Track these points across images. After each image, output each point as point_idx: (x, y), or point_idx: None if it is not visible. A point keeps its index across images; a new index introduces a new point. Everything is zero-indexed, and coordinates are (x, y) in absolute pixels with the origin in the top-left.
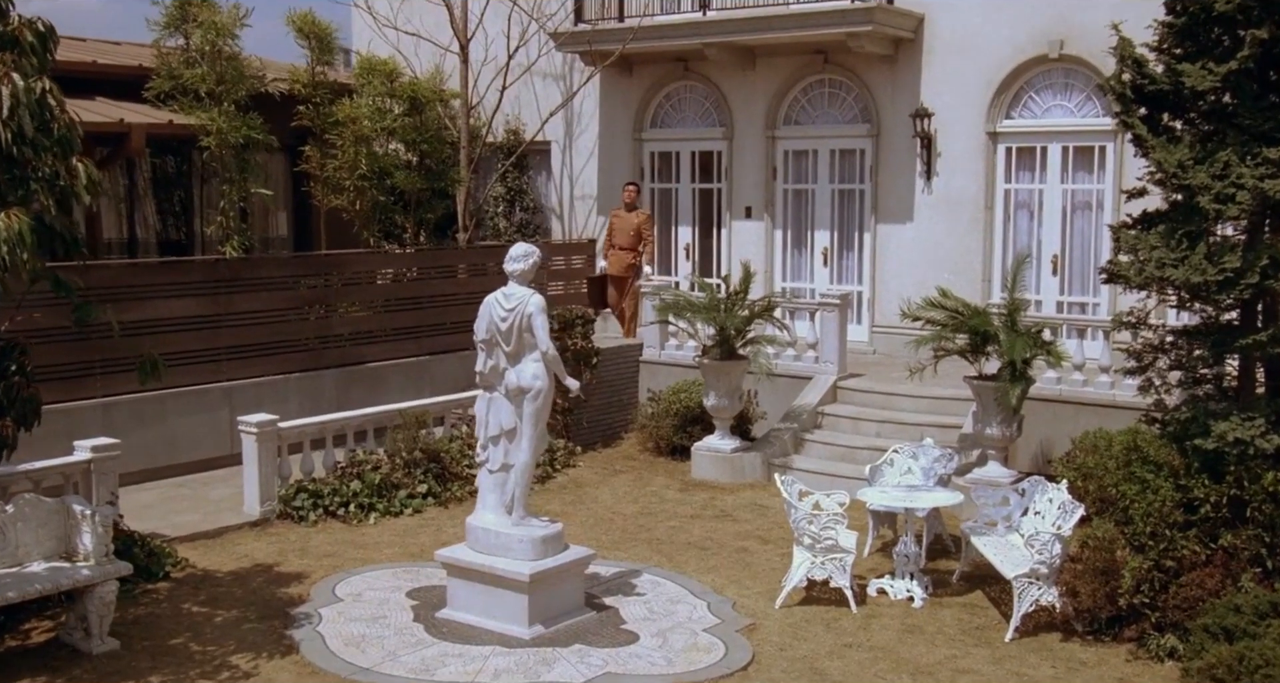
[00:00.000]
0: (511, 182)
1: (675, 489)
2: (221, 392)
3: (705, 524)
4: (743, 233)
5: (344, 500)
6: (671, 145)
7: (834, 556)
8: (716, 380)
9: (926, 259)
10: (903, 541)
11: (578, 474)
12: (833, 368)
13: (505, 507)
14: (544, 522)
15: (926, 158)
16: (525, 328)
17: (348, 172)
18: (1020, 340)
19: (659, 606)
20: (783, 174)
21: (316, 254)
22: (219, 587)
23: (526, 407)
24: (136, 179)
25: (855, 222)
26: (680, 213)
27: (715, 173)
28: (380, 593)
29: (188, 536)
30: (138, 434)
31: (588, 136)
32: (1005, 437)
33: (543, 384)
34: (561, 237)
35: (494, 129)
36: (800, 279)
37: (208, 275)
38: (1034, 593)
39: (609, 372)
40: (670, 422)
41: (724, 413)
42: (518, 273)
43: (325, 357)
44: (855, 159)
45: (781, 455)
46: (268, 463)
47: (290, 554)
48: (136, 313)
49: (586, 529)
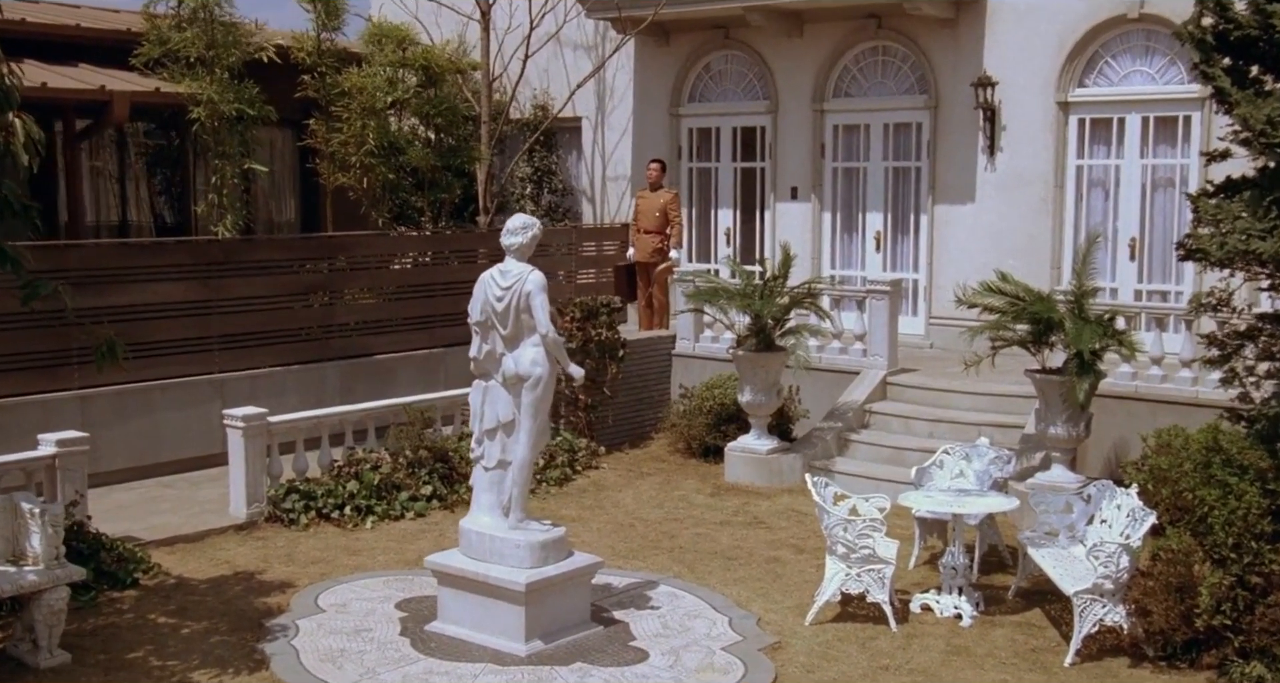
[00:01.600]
0: (539, 161)
1: (705, 494)
2: (212, 384)
3: (735, 532)
4: (788, 216)
5: (339, 502)
6: (711, 121)
7: (871, 567)
8: (752, 374)
9: (989, 243)
10: (950, 551)
11: (600, 477)
12: (882, 362)
13: (502, 508)
14: (545, 525)
15: (990, 132)
16: (523, 308)
17: (354, 147)
18: (1089, 329)
19: (674, 620)
20: (831, 151)
21: (320, 236)
22: (192, 595)
23: (525, 396)
24: (128, 157)
25: (911, 203)
26: (720, 194)
27: (758, 150)
28: (367, 604)
29: (165, 539)
30: (119, 429)
31: (621, 112)
32: (1071, 437)
33: (543, 371)
34: (593, 220)
35: (520, 104)
36: (850, 266)
37: (198, 258)
38: (1097, 612)
39: (638, 366)
40: (703, 420)
41: (760, 410)
42: (515, 247)
43: (328, 348)
44: (911, 134)
45: (823, 457)
46: (255, 461)
47: (275, 560)
48: (119, 298)
49: (603, 536)
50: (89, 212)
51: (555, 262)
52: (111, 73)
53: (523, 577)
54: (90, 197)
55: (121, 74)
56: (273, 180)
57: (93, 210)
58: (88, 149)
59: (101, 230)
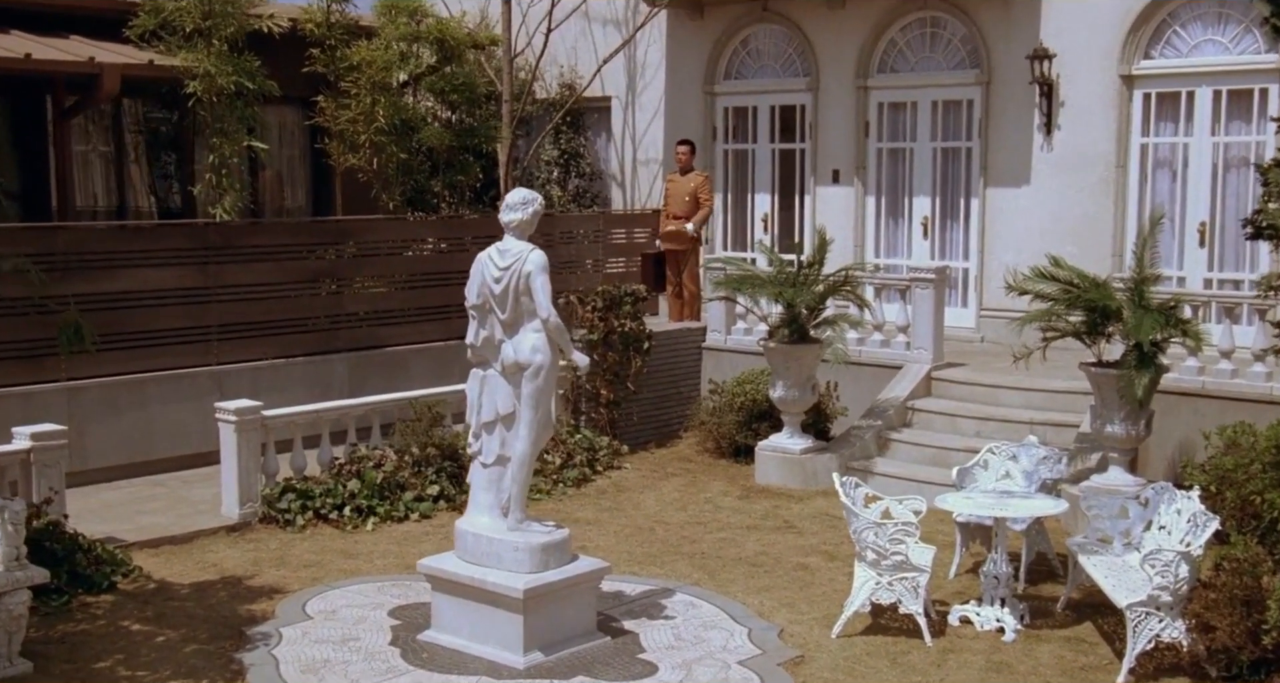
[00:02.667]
0: (565, 143)
1: (733, 496)
2: (211, 377)
3: (762, 537)
4: (829, 200)
5: (338, 502)
6: (748, 99)
7: (904, 575)
8: (784, 368)
9: (1045, 229)
10: (991, 559)
11: (621, 477)
12: (926, 355)
13: (501, 508)
14: (547, 527)
15: (1046, 108)
16: (523, 290)
17: (363, 125)
18: (1149, 318)
19: (689, 631)
20: (876, 131)
21: (327, 220)
22: (172, 601)
23: (525, 386)
24: (125, 136)
25: (961, 186)
26: (758, 177)
27: (798, 131)
28: (359, 610)
29: (150, 540)
30: (110, 424)
31: (653, 91)
32: (1130, 437)
33: (544, 359)
34: (623, 206)
35: (547, 83)
36: (896, 254)
37: (195, 242)
38: (1153, 626)
39: (665, 360)
40: (733, 418)
41: (793, 407)
42: (515, 224)
43: (336, 339)
44: (961, 112)
45: (861, 457)
46: (249, 458)
47: (266, 564)
48: (110, 284)
49: (620, 540)
50: (80, 194)
51: (582, 249)
52: (103, 45)
53: (521, 582)
54: (82, 178)
55: (114, 46)
56: (282, 162)
57: (85, 193)
58: (81, 127)
59: (96, 215)
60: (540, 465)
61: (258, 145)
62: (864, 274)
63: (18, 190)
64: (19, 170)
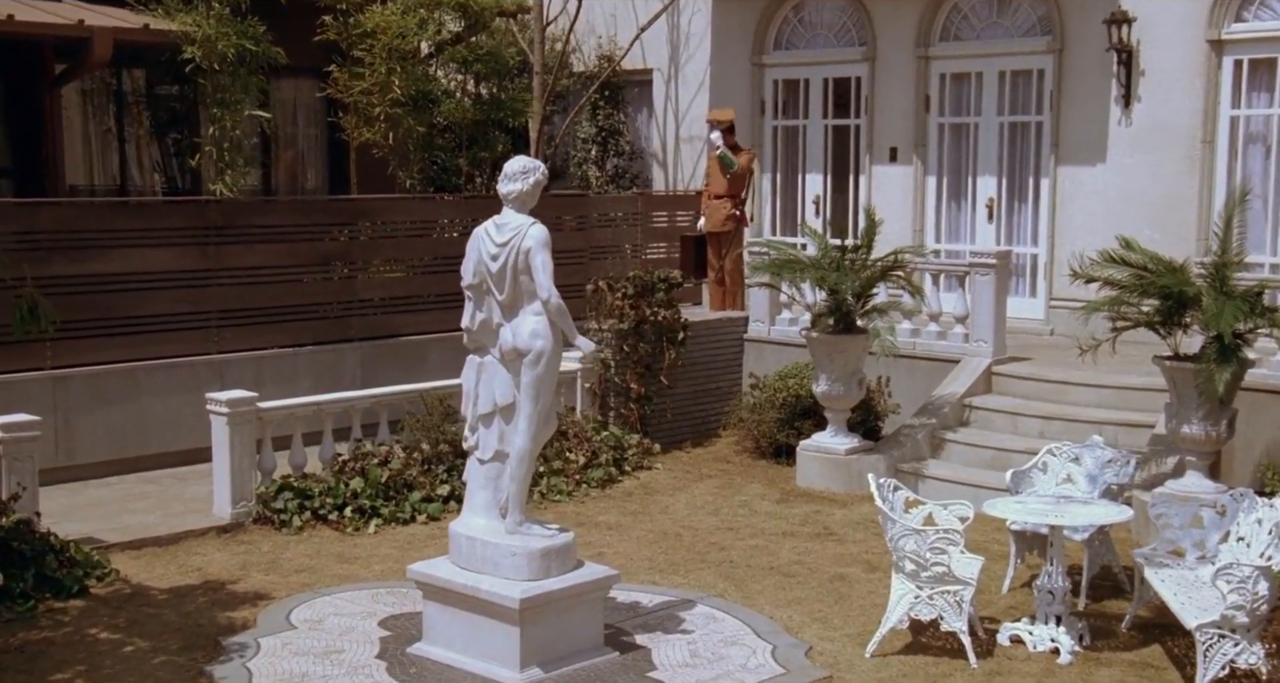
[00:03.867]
0: (603, 119)
1: (771, 500)
2: (210, 366)
3: (798, 544)
4: (886, 181)
5: (339, 502)
6: (799, 71)
7: (946, 588)
8: (828, 360)
9: (1122, 211)
10: (1046, 571)
11: (651, 479)
12: (986, 348)
13: (499, 508)
14: (550, 530)
15: (1125, 78)
16: (522, 269)
17: (378, 97)
18: (1231, 306)
19: (707, 648)
20: (937, 104)
21: (339, 199)
22: (147, 607)
23: (525, 374)
24: (127, 110)
25: (1029, 164)
26: (809, 156)
27: (853, 105)
28: (347, 620)
29: (132, 541)
30: (99, 416)
31: (697, 62)
32: (1209, 438)
33: (545, 344)
34: (664, 187)
35: (584, 55)
36: (958, 239)
37: (194, 221)
38: (1227, 651)
39: (703, 352)
40: (774, 415)
41: (838, 403)
42: (514, 195)
43: (348, 327)
44: (1031, 83)
45: (912, 459)
46: (243, 453)
47: (254, 568)
48: (100, 265)
49: (642, 546)
50: (80, 172)
51: (619, 234)
52: (96, 8)
53: (517, 591)
54: (84, 155)
55: (107, 9)
56: (295, 138)
57: (85, 170)
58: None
59: (95, 193)
60: (562, 465)
61: (260, 114)
62: (918, 259)
63: (9, 166)
64: (9, 145)
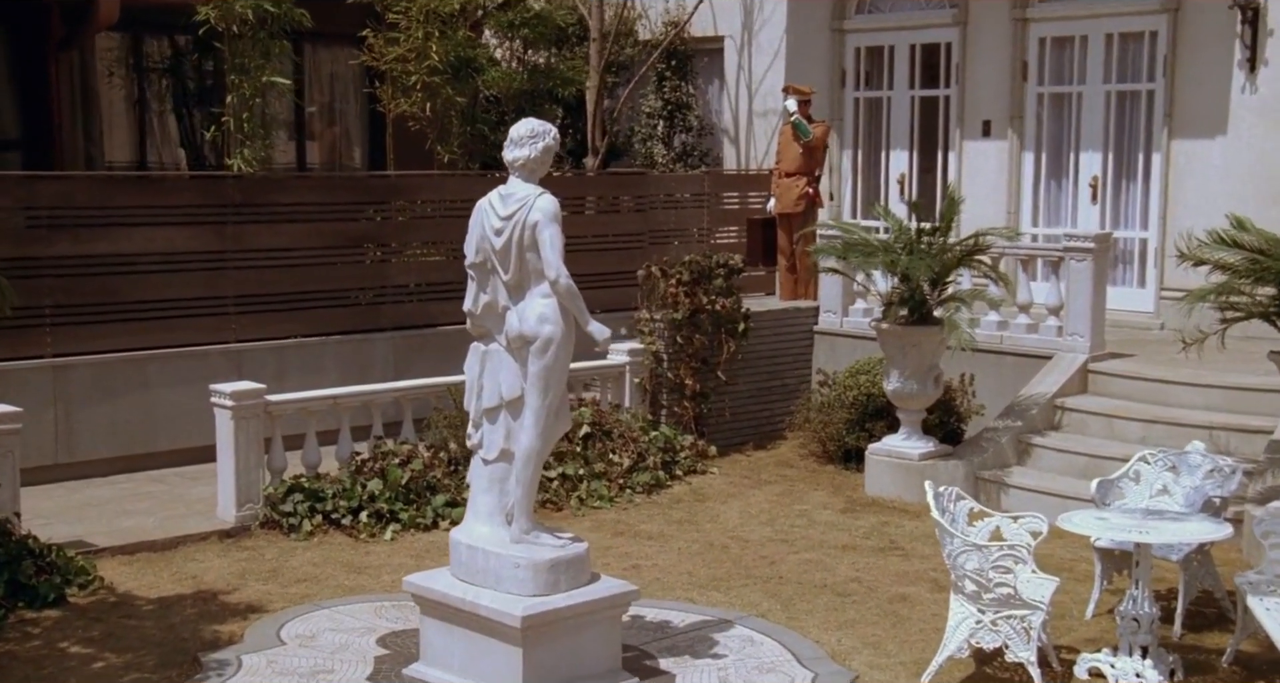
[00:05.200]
0: (670, 92)
1: (835, 509)
2: (226, 356)
3: (859, 559)
4: (978, 157)
5: (354, 505)
6: (883, 37)
7: (1011, 612)
8: (900, 354)
9: (1246, 189)
10: (1130, 595)
11: (705, 484)
12: (1082, 343)
13: (505, 514)
14: (560, 539)
15: (1250, 38)
16: (529, 245)
17: (414, 64)
18: None
19: (739, 675)
20: (1036, 72)
21: (370, 175)
22: (129, 618)
23: (532, 364)
24: (147, 79)
25: (1139, 137)
26: (894, 131)
27: (942, 74)
28: (343, 636)
29: (126, 546)
30: (105, 409)
31: (772, 28)
32: None
33: (554, 330)
34: (736, 166)
35: (650, 21)
36: (1059, 222)
37: (210, 198)
38: None
39: (770, 345)
40: (843, 415)
41: (911, 402)
42: (521, 163)
43: (380, 315)
44: (1142, 46)
45: (995, 465)
46: (249, 451)
47: (254, 576)
48: (107, 245)
49: (683, 559)
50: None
51: (684, 216)
52: None
53: (519, 607)
54: (106, 129)
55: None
56: (333, 110)
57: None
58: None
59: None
60: (605, 468)
61: (280, 81)
62: (1004, 242)
63: (18, 138)
64: (19, 116)
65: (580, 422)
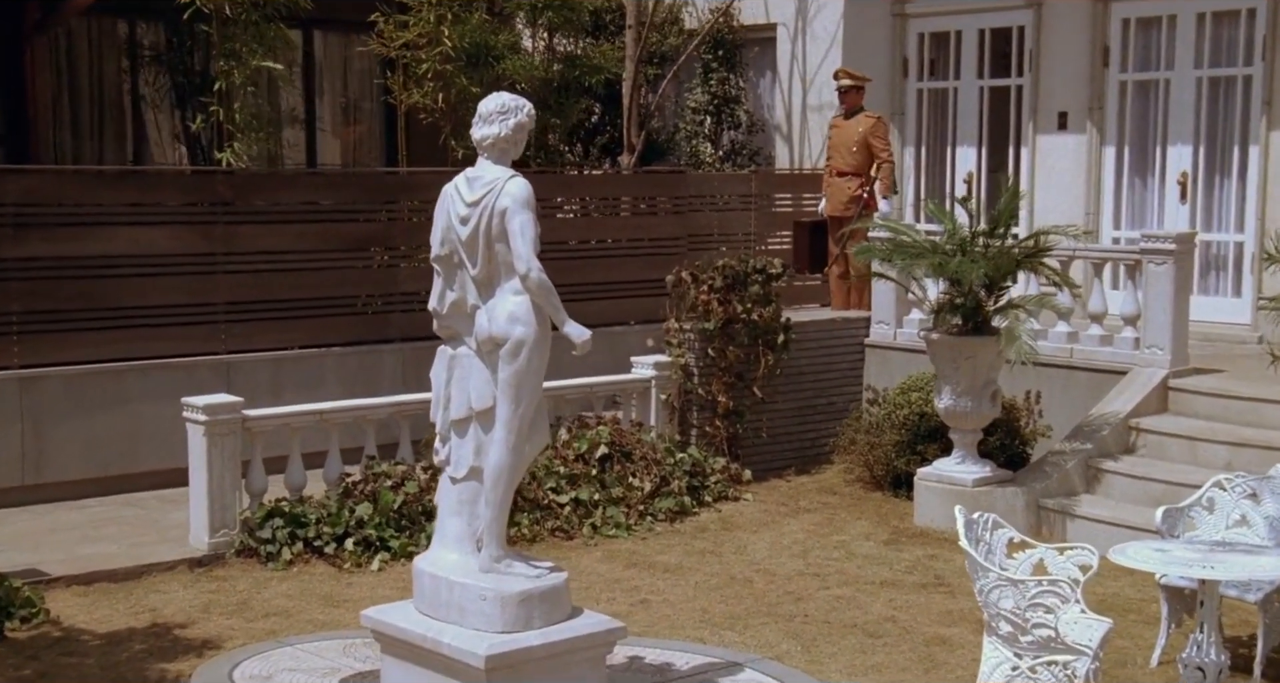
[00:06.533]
0: (716, 86)
1: (877, 540)
2: (216, 368)
3: (897, 596)
4: (1053, 153)
5: (340, 532)
6: (949, 21)
7: (1052, 657)
8: (952, 367)
9: None
10: (1194, 640)
11: (735, 512)
12: (1162, 356)
13: (476, 540)
14: (536, 568)
15: None
16: (497, 235)
17: (426, 51)
18: None
19: None
20: (1119, 57)
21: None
22: (70, 655)
23: (502, 369)
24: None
25: (1234, 129)
26: (961, 125)
27: (1014, 62)
28: (301, 677)
29: (83, 575)
30: (79, 426)
31: (828, 14)
32: None
33: (526, 331)
34: (789, 165)
35: (698, 8)
36: (1143, 223)
37: (199, 195)
38: None
39: (812, 359)
40: (892, 436)
41: (964, 421)
42: (490, 142)
43: (388, 324)
44: (1238, 27)
45: (1060, 493)
46: (224, 471)
47: (219, 610)
48: (83, 245)
49: (699, 593)
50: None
51: (729, 219)
52: None
53: (484, 645)
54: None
55: None
56: (344, 103)
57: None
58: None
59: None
60: (624, 493)
61: (272, 66)
62: (1073, 241)
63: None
64: None
65: (598, 442)
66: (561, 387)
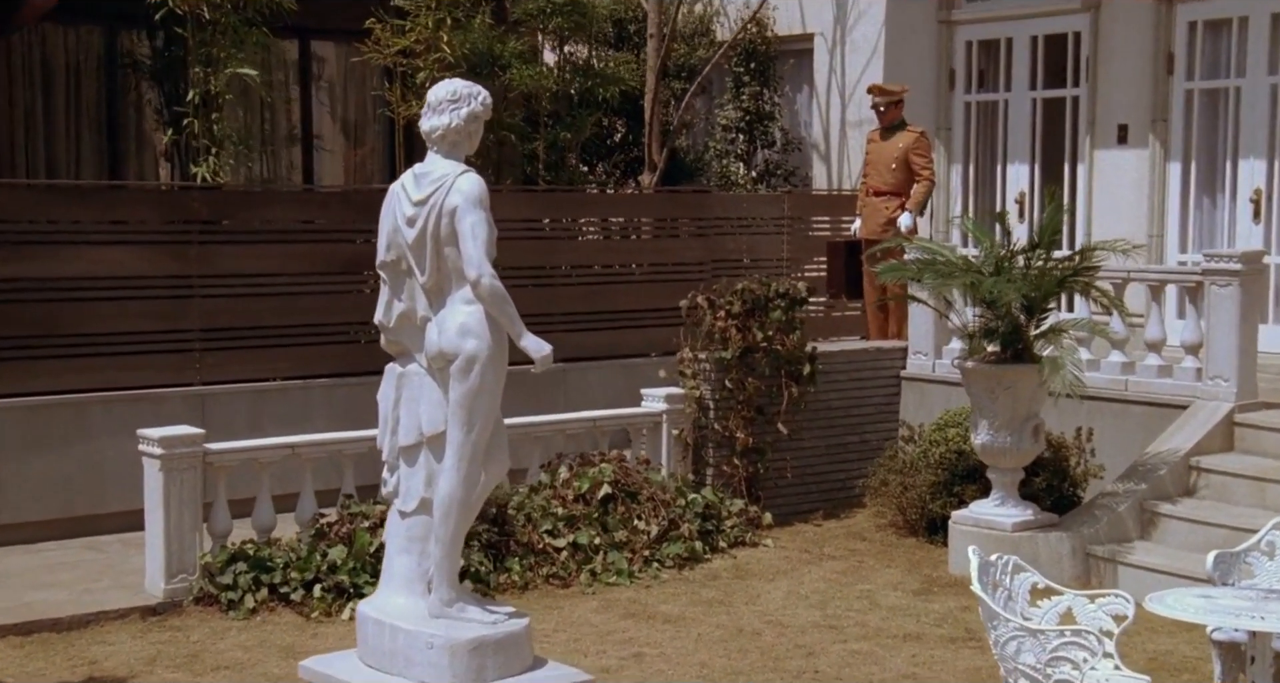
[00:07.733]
0: (748, 101)
1: (907, 590)
2: (189, 401)
3: (921, 652)
4: (1112, 170)
5: (309, 578)
6: (999, 28)
7: None
8: (989, 399)
9: None
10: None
11: (752, 558)
12: (1227, 389)
13: (426, 581)
14: (493, 615)
15: None
16: (446, 237)
17: (423, 58)
18: None
19: None
20: (1184, 65)
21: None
22: None
23: (453, 389)
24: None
25: None
26: (1012, 141)
27: (1069, 71)
28: None
29: (22, 624)
30: (37, 463)
31: (869, 23)
32: None
33: (478, 346)
34: (826, 185)
35: (728, 18)
36: (1213, 244)
37: (171, 213)
38: None
39: (843, 393)
40: (928, 477)
41: (1003, 459)
42: (439, 134)
43: (380, 355)
44: None
45: (1111, 539)
46: (182, 510)
47: (166, 662)
48: (44, 266)
49: (701, 646)
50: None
51: (759, 243)
52: None
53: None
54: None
55: None
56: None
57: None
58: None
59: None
60: (627, 537)
61: (247, 72)
62: (1125, 261)
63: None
64: None
65: (600, 481)
66: (563, 421)
